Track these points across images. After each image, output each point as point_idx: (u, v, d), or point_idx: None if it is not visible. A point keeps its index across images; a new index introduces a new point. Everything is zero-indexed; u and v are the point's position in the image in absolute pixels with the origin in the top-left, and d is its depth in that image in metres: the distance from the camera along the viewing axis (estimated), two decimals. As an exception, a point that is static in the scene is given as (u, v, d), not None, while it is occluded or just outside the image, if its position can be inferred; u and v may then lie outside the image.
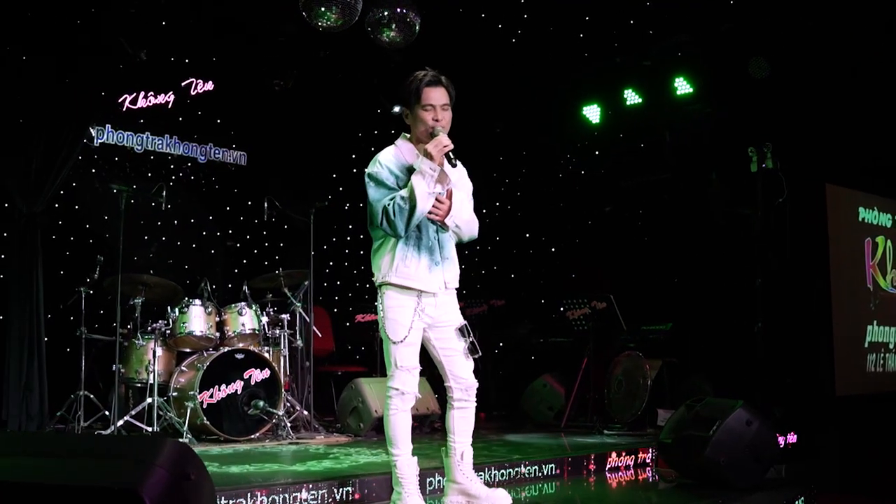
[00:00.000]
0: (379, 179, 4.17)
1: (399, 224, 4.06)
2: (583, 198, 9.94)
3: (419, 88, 4.27)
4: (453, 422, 4.47)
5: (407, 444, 4.34)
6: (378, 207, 4.10)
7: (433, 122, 4.22)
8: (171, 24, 8.26)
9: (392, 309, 4.23)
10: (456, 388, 4.41)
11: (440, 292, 4.30)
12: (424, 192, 4.07)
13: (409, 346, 4.24)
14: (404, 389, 4.27)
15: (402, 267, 4.17)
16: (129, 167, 8.36)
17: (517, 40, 9.21)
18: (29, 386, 7.19)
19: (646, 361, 7.59)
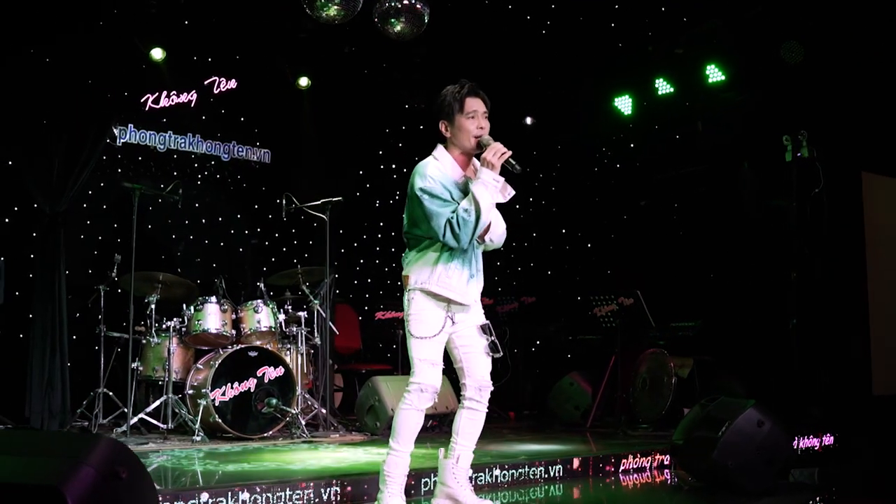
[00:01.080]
0: (434, 193, 4.06)
1: (464, 237, 4.00)
2: (618, 192, 9.69)
3: (462, 98, 4.20)
4: (460, 422, 4.40)
5: (409, 443, 4.28)
6: (440, 221, 4.01)
7: (478, 129, 4.16)
8: (193, 24, 8.31)
9: (422, 312, 4.16)
10: (470, 386, 4.33)
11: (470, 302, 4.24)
12: (489, 203, 4.04)
13: (437, 343, 4.17)
14: (425, 385, 4.18)
15: (445, 277, 4.12)
16: (153, 166, 8.41)
17: (546, 31, 9.05)
18: (51, 383, 7.29)
19: (671, 359, 7.34)
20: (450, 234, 4.01)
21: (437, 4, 8.41)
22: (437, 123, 4.27)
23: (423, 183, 4.11)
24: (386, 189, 9.78)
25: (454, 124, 4.20)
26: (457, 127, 4.19)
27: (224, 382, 6.79)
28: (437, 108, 4.29)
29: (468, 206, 4.00)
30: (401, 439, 4.24)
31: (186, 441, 6.58)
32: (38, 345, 7.30)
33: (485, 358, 4.31)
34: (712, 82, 8.37)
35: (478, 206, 3.99)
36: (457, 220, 4.00)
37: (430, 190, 4.08)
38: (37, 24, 7.38)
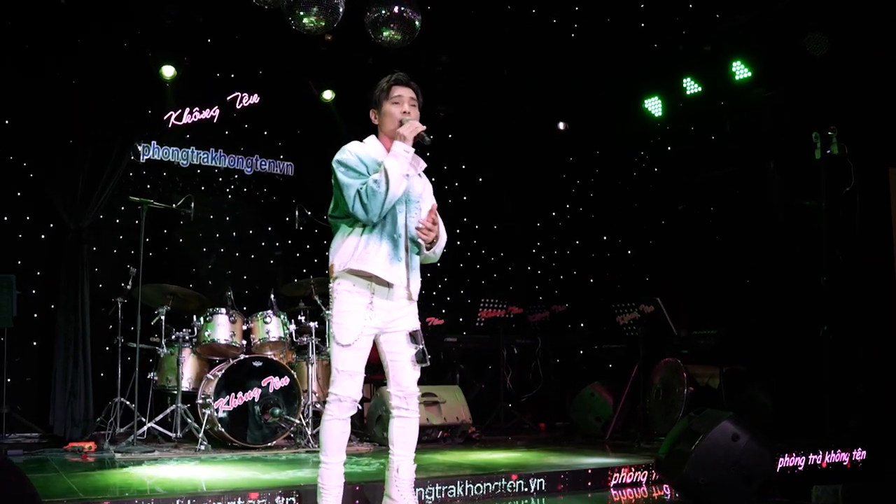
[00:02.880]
0: (348, 165, 4.06)
1: (373, 207, 3.94)
2: (656, 196, 9.39)
3: (389, 86, 4.25)
4: (392, 432, 4.27)
5: (337, 454, 4.18)
6: (351, 192, 3.98)
7: (403, 114, 4.15)
8: (215, 41, 8.48)
9: (342, 313, 4.09)
10: (395, 396, 4.22)
11: (399, 296, 4.13)
12: (398, 173, 3.97)
13: (354, 351, 4.07)
14: (342, 395, 4.09)
15: (363, 252, 4.03)
16: (179, 182, 8.60)
17: (574, 34, 8.86)
18: (74, 392, 7.54)
19: (688, 368, 7.03)
20: (359, 204, 3.96)
21: (460, 11, 8.41)
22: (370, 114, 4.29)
23: (339, 156, 4.12)
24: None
25: (381, 111, 4.22)
26: (383, 113, 4.21)
27: (228, 392, 6.87)
28: (369, 99, 4.31)
29: (378, 178, 3.96)
30: (328, 451, 4.16)
31: (191, 450, 6.69)
32: (61, 355, 7.56)
33: (411, 367, 4.19)
34: (739, 79, 8.04)
35: (387, 175, 3.94)
36: (366, 189, 3.95)
37: (344, 161, 4.08)
38: (61, 44, 7.67)
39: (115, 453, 6.49)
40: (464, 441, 7.57)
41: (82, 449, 6.76)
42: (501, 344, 8.75)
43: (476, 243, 10.20)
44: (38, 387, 7.85)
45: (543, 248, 10.25)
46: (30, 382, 7.90)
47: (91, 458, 6.44)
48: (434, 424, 7.35)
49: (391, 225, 4.11)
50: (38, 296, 8.02)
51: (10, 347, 7.63)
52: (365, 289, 4.07)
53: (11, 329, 7.61)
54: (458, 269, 10.08)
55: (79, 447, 6.81)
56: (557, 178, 10.00)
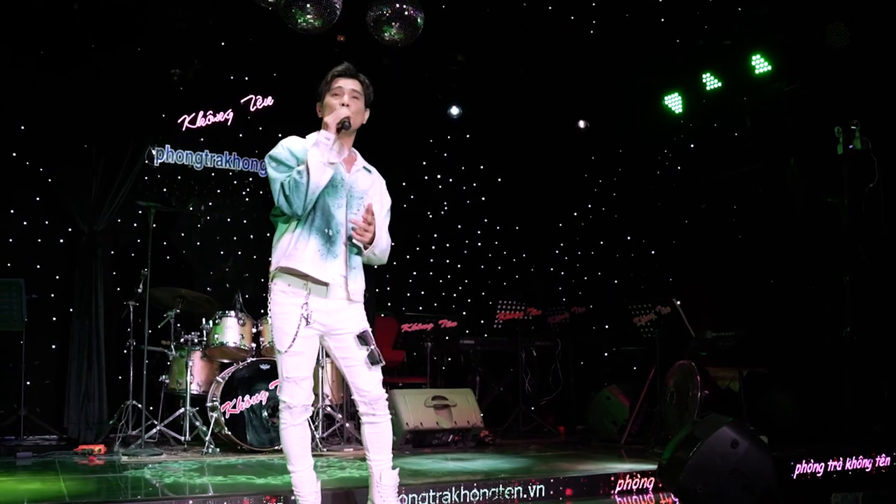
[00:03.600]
0: (279, 159, 3.95)
1: (295, 199, 3.82)
2: (679, 195, 9.18)
3: (331, 79, 4.14)
4: (365, 438, 4.15)
5: (302, 459, 4.08)
6: (275, 186, 3.88)
7: (341, 106, 4.02)
8: (229, 45, 8.49)
9: (277, 316, 3.98)
10: (360, 402, 4.08)
11: (337, 295, 3.98)
12: (318, 161, 3.83)
13: (294, 356, 3.96)
14: (292, 402, 4.00)
15: (293, 249, 3.91)
16: (195, 185, 8.62)
17: (593, 31, 8.71)
18: (88, 395, 7.59)
19: (698, 372, 6.82)
20: (283, 198, 3.84)
21: (475, 9, 8.31)
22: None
23: (272, 151, 4.01)
24: (434, 200, 9.68)
25: (323, 104, 4.11)
26: (325, 105, 4.10)
27: (235, 395, 6.84)
28: (317, 91, 4.20)
29: (301, 169, 3.84)
30: (292, 459, 4.07)
31: (199, 453, 6.68)
32: (75, 358, 7.62)
33: (367, 371, 4.03)
34: (759, 73, 7.81)
35: (308, 165, 3.81)
36: (289, 182, 3.83)
37: (275, 156, 3.97)
38: (75, 50, 7.73)
39: (122, 456, 6.50)
40: (475, 445, 7.44)
41: (91, 451, 6.78)
42: (520, 346, 8.61)
43: (497, 244, 10.08)
44: (55, 389, 7.91)
45: (565, 248, 10.10)
46: (48, 385, 7.98)
47: (100, 461, 6.46)
48: (444, 428, 7.24)
49: (322, 220, 3.95)
50: (56, 299, 8.10)
51: (28, 350, 7.72)
52: (300, 288, 3.93)
53: (30, 332, 7.72)
54: (478, 271, 9.98)
55: (88, 449, 6.83)
56: (579, 177, 9.83)
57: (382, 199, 4.26)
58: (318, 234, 3.93)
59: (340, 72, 4.15)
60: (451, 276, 9.90)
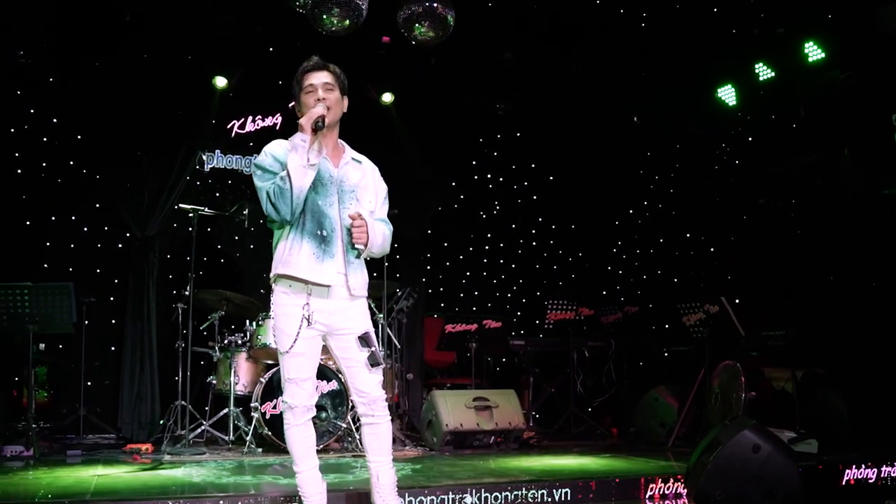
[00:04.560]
0: (262, 167, 3.95)
1: (281, 205, 3.83)
2: (736, 190, 8.89)
3: (300, 77, 4.11)
4: (364, 440, 4.15)
5: (306, 459, 4.09)
6: (262, 195, 3.90)
7: (315, 101, 3.99)
8: (277, 50, 8.61)
9: (278, 317, 4.01)
10: (359, 403, 4.08)
11: (338, 295, 3.97)
12: (297, 164, 3.82)
13: (296, 357, 3.98)
14: (293, 403, 4.03)
15: (288, 255, 3.92)
16: (247, 189, 8.75)
17: (644, 25, 8.51)
18: (141, 396, 7.81)
19: (743, 373, 6.58)
20: (270, 206, 3.84)
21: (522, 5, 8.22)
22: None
23: (256, 159, 4.01)
24: (485, 200, 9.61)
25: (300, 103, 4.08)
26: (302, 104, 4.07)
27: (275, 396, 6.92)
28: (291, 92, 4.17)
29: (283, 174, 3.82)
30: (297, 459, 4.09)
31: (239, 452, 6.79)
32: (128, 360, 7.85)
33: (367, 372, 4.02)
34: (812, 61, 7.50)
35: (289, 171, 3.80)
36: (274, 189, 3.83)
37: (259, 164, 3.97)
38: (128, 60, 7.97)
39: (166, 455, 6.66)
40: (518, 447, 7.36)
41: (138, 450, 6.96)
42: (571, 347, 8.48)
43: (553, 244, 9.95)
44: (115, 390, 8.16)
45: (622, 247, 9.89)
46: (107, 386, 8.22)
47: (146, 460, 6.63)
48: (485, 430, 7.18)
49: (312, 222, 3.93)
50: (115, 303, 8.35)
51: (87, 352, 7.99)
52: (301, 291, 3.93)
53: (90, 334, 8.00)
54: (533, 271, 9.87)
55: (135, 448, 7.02)
56: (634, 174, 9.62)
57: (377, 188, 4.21)
58: (310, 238, 3.93)
59: (309, 67, 4.11)
60: (506, 277, 9.82)
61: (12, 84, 8.09)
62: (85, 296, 7.87)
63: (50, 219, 8.29)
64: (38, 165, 8.21)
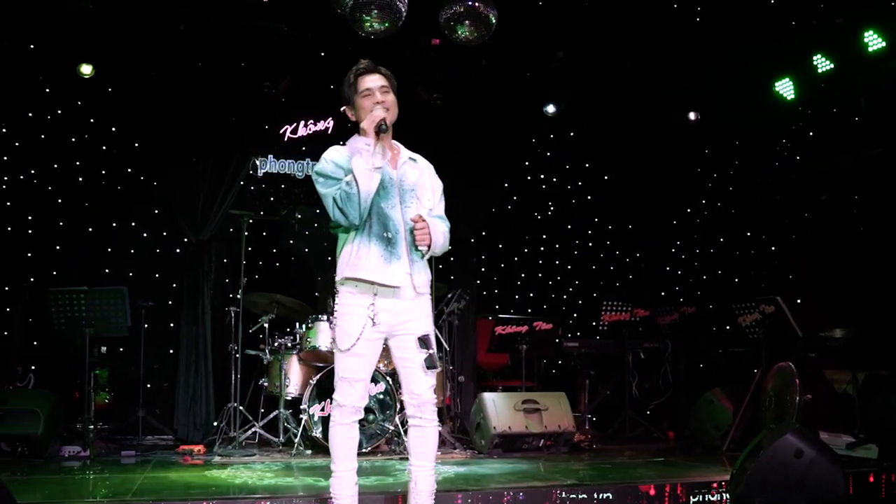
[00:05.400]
0: (325, 174, 4.00)
1: (350, 210, 3.87)
2: (796, 186, 8.62)
3: (354, 80, 4.14)
4: (409, 442, 4.16)
5: (345, 461, 4.08)
6: (328, 201, 3.95)
7: (374, 105, 4.03)
8: (329, 55, 8.67)
9: (342, 316, 4.01)
10: (409, 404, 4.09)
11: (405, 295, 3.99)
12: (363, 168, 3.88)
13: (354, 357, 3.99)
14: (342, 402, 4.04)
15: (355, 258, 3.95)
16: (300, 193, 8.84)
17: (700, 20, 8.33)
18: (195, 398, 7.93)
19: (797, 374, 6.36)
20: (338, 211, 3.88)
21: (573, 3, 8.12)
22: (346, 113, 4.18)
23: (316, 167, 4.06)
24: (539, 200, 9.52)
25: (354, 107, 4.11)
26: (357, 108, 4.10)
27: (324, 398, 6.96)
28: (342, 95, 4.19)
29: (349, 179, 3.86)
30: (336, 459, 4.08)
31: (288, 454, 6.85)
32: (184, 362, 7.98)
33: (422, 374, 4.00)
34: (873, 51, 7.22)
35: (355, 175, 3.84)
36: (340, 195, 3.87)
37: (321, 171, 4.01)
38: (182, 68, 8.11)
39: (216, 456, 6.76)
40: (569, 450, 7.25)
41: (190, 451, 7.08)
42: (626, 348, 8.34)
43: (609, 244, 9.80)
44: (172, 392, 8.29)
45: (680, 246, 9.68)
46: (166, 388, 8.37)
47: (198, 461, 6.74)
48: (533, 433, 7.09)
49: (378, 225, 3.96)
50: (173, 306, 8.50)
51: (147, 355, 8.16)
52: (367, 292, 3.95)
53: (149, 338, 8.17)
54: (589, 272, 9.73)
55: (188, 450, 7.14)
56: (692, 172, 9.40)
57: (433, 186, 4.24)
58: (377, 240, 3.96)
59: (362, 70, 4.14)
60: (561, 278, 9.71)
61: (73, 95, 8.34)
62: (144, 300, 8.06)
63: (111, 225, 8.50)
64: (98, 173, 8.42)
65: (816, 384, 6.88)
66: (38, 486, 5.25)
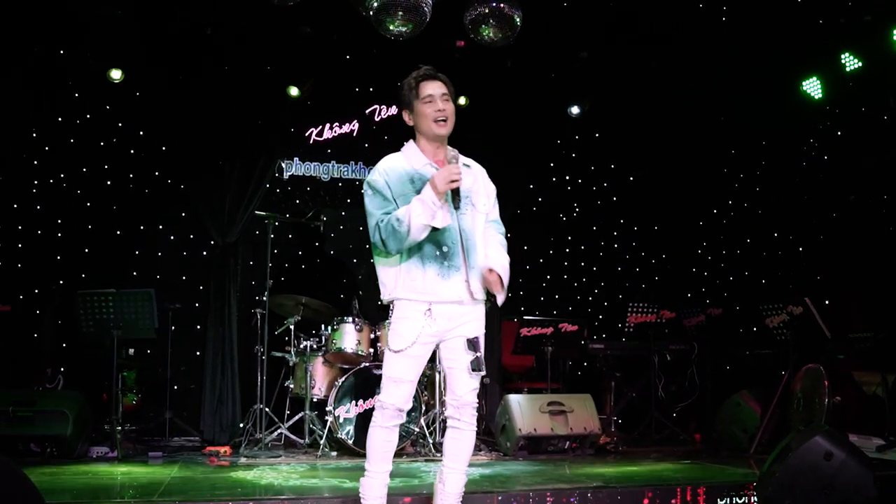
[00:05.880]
0: (376, 189, 3.96)
1: (391, 244, 3.83)
2: (824, 187, 8.53)
3: (417, 84, 4.11)
4: (445, 443, 4.15)
5: (381, 462, 4.06)
6: (371, 221, 3.91)
7: (437, 112, 4.01)
8: (354, 57, 8.71)
9: (398, 320, 3.97)
10: (449, 404, 4.06)
11: (463, 301, 3.95)
12: (421, 224, 3.80)
13: (407, 359, 3.95)
14: (385, 402, 3.98)
15: (409, 280, 3.91)
16: (325, 196, 8.88)
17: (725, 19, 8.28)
18: (222, 399, 7.97)
19: (826, 376, 6.30)
20: (378, 237, 3.84)
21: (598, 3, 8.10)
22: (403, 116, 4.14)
23: (370, 176, 4.03)
24: (564, 202, 9.49)
25: (414, 111, 4.07)
26: (416, 113, 4.06)
27: (349, 400, 6.99)
28: (399, 100, 4.16)
29: (402, 217, 3.78)
30: (371, 459, 4.06)
31: (313, 456, 6.87)
32: (210, 364, 8.03)
33: (467, 376, 3.97)
34: (902, 49, 7.15)
35: (409, 221, 3.76)
36: (386, 225, 3.81)
37: (373, 184, 3.97)
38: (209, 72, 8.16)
39: (243, 457, 6.80)
40: (595, 452, 7.23)
41: (216, 453, 7.12)
42: (652, 350, 8.29)
43: (635, 245, 9.76)
44: (199, 394, 8.34)
45: (707, 248, 9.61)
46: (193, 389, 8.43)
47: (224, 462, 6.78)
48: (559, 434, 7.08)
49: (432, 246, 3.91)
50: (199, 308, 8.56)
51: (174, 357, 8.24)
52: (421, 305, 3.91)
53: (176, 339, 8.26)
54: (615, 273, 9.69)
55: (214, 451, 7.18)
56: (718, 172, 9.33)
57: (487, 190, 4.22)
58: (431, 260, 3.92)
59: (425, 76, 4.11)
60: (586, 279, 9.67)
61: (102, 99, 8.43)
62: (171, 302, 8.13)
63: (138, 228, 8.58)
64: (126, 177, 8.51)
65: (845, 386, 6.80)
66: (67, 487, 5.30)
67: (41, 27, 7.83)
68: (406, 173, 3.97)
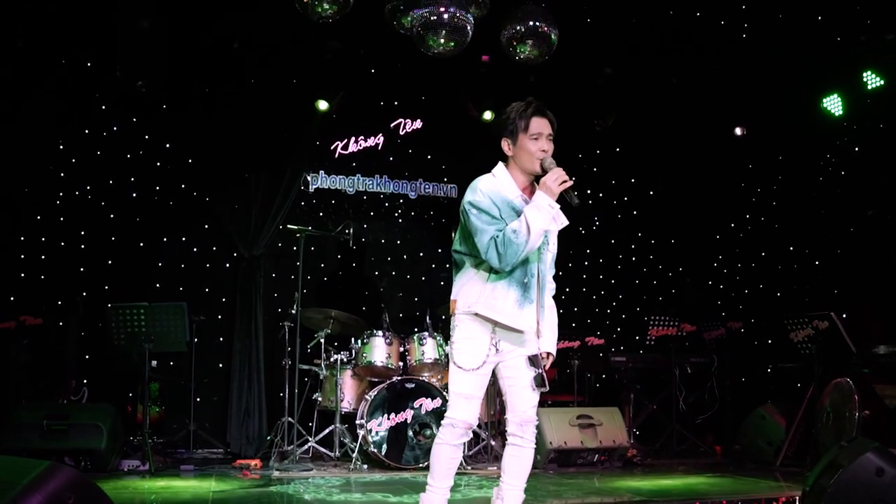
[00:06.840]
0: (481, 208, 3.93)
1: (509, 257, 3.83)
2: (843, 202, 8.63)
3: (528, 117, 4.04)
4: (505, 460, 4.16)
5: (444, 479, 4.07)
6: (485, 238, 3.88)
7: (540, 152, 3.99)
8: (379, 71, 8.78)
9: (465, 340, 4.00)
10: (511, 421, 4.09)
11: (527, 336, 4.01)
12: (540, 229, 3.83)
13: (477, 376, 3.98)
14: (455, 420, 3.98)
15: (491, 298, 3.93)
16: (349, 209, 8.94)
17: (745, 34, 8.41)
18: (248, 412, 8.01)
19: (856, 391, 6.38)
20: (494, 252, 3.83)
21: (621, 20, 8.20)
22: (501, 140, 4.08)
23: (472, 196, 3.98)
24: (584, 215, 9.57)
25: (517, 143, 4.02)
26: (519, 146, 4.02)
27: (381, 413, 7.04)
28: (502, 124, 4.11)
29: (517, 228, 3.80)
30: (435, 475, 4.07)
31: (346, 469, 6.91)
32: (236, 377, 8.08)
33: (529, 392, 4.03)
34: (924, 68, 7.27)
35: (529, 229, 3.79)
36: (503, 238, 3.82)
37: (477, 204, 3.93)
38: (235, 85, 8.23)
39: (275, 471, 6.83)
40: (622, 465, 7.31)
41: (247, 466, 7.16)
42: (673, 363, 8.38)
43: (653, 259, 9.85)
44: (223, 406, 8.39)
45: (724, 261, 9.71)
46: (216, 401, 8.46)
47: (255, 475, 6.81)
48: (589, 447, 7.15)
49: (521, 271, 3.96)
50: (223, 321, 8.60)
51: (197, 369, 8.26)
52: (487, 327, 3.96)
53: (199, 352, 8.27)
54: (633, 286, 9.78)
55: (245, 464, 7.22)
56: (736, 186, 9.44)
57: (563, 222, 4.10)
58: (517, 285, 3.96)
59: (538, 110, 4.06)
60: (605, 293, 9.76)
61: (129, 112, 8.46)
62: (195, 314, 8.15)
63: (162, 240, 8.59)
64: (152, 189, 8.53)
65: (869, 400, 6.89)
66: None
67: (69, 40, 7.87)
68: (501, 198, 3.96)
